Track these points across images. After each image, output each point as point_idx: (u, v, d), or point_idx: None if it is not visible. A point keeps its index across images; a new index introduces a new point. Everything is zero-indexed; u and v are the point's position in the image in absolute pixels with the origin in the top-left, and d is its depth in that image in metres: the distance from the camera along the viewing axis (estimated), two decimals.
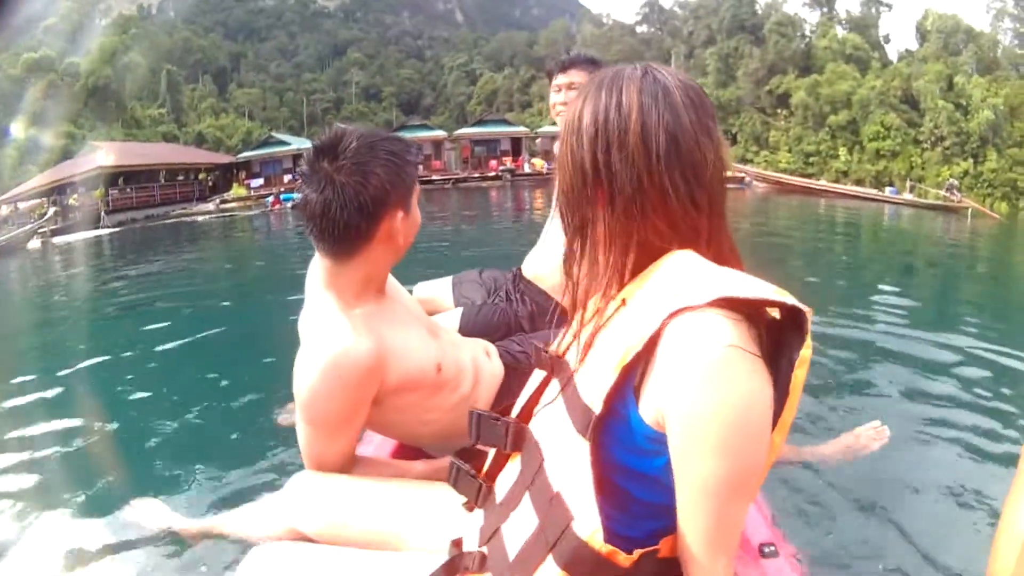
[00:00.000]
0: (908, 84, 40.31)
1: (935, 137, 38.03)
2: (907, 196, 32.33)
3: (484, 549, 1.07)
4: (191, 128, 54.07)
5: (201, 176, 41.79)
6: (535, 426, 1.07)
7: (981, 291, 9.78)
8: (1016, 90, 38.31)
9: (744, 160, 41.47)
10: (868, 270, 11.05)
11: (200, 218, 30.05)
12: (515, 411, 1.16)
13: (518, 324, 2.35)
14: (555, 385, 1.07)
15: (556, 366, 1.09)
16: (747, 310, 0.86)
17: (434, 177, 41.88)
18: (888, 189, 34.58)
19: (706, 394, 0.80)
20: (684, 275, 0.91)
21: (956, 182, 32.23)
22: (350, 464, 1.60)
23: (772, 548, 1.58)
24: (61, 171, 32.50)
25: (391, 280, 1.76)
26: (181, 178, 39.82)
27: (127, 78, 45.98)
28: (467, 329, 2.25)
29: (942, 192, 30.69)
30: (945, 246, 16.59)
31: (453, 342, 1.86)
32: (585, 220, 1.02)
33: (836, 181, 37.99)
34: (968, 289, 9.92)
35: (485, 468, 1.17)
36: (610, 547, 0.87)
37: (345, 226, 1.49)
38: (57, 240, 23.73)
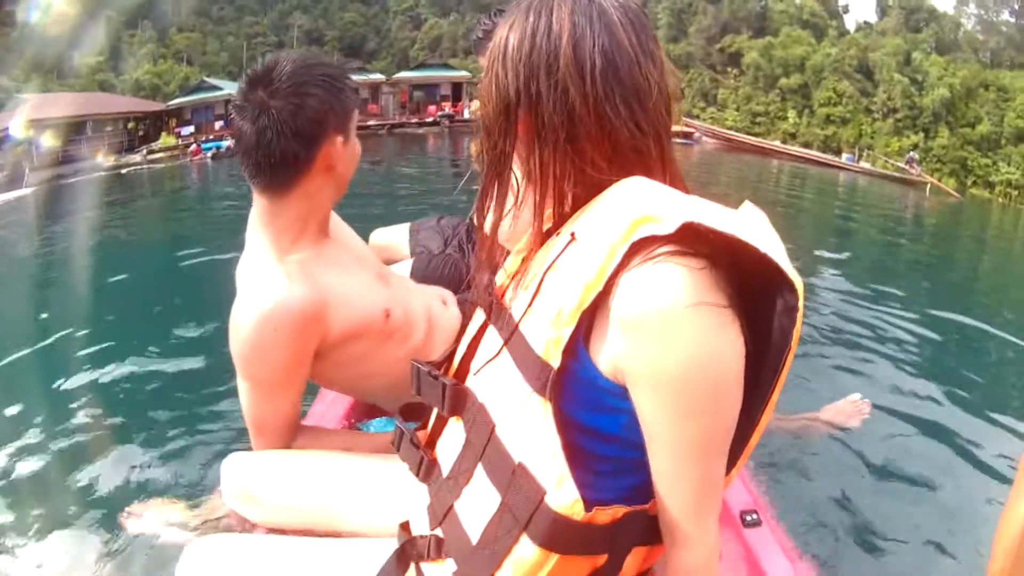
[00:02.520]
0: (864, 55, 40.27)
1: (887, 108, 38.10)
2: (864, 165, 31.99)
3: (439, 532, 0.99)
4: (129, 76, 51.75)
5: (131, 126, 39.62)
6: (477, 385, 0.97)
7: (948, 265, 9.93)
8: (974, 73, 38.36)
9: (691, 116, 40.99)
10: (821, 236, 11.02)
11: (125, 171, 28.90)
12: (453, 367, 1.08)
13: (471, 276, 2.04)
14: (494, 336, 0.97)
15: (495, 313, 1.00)
16: (714, 246, 0.79)
17: (370, 122, 40.02)
18: (845, 156, 34.38)
19: (670, 358, 0.76)
20: (642, 197, 0.84)
21: (916, 155, 31.78)
22: (293, 428, 1.54)
23: (754, 516, 1.61)
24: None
25: (338, 222, 1.73)
26: (109, 128, 37.42)
27: (63, 26, 43.75)
28: (418, 280, 2.09)
29: (901, 164, 30.12)
30: (903, 220, 16.59)
31: (404, 288, 1.81)
32: (506, 155, 0.95)
33: (784, 143, 37.58)
34: (936, 264, 9.94)
35: (428, 432, 1.10)
36: (591, 512, 0.81)
37: (282, 154, 1.43)
38: None
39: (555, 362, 0.80)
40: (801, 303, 0.77)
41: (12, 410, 3.46)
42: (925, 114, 36.65)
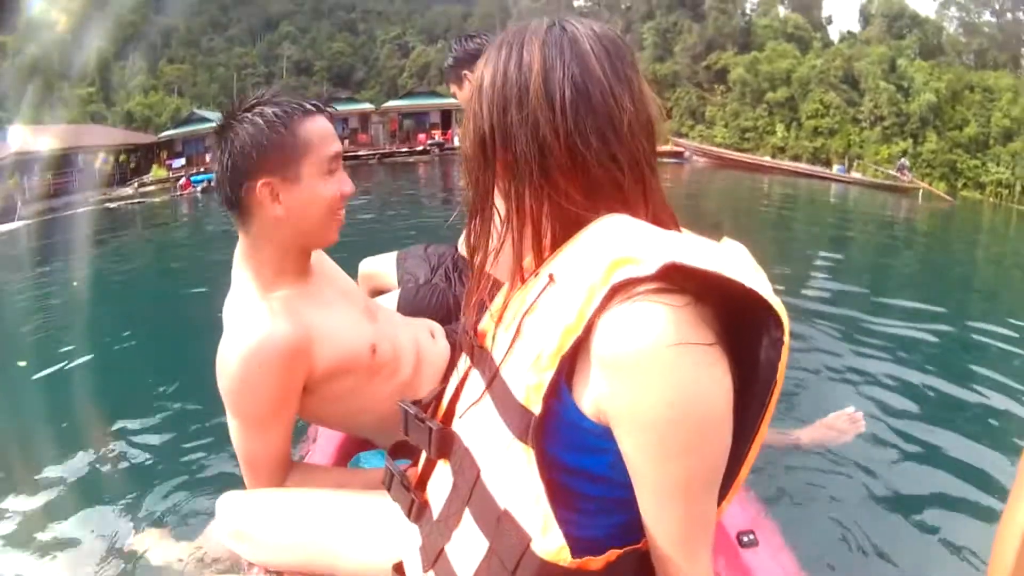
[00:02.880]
0: (849, 65, 40.19)
1: (874, 117, 37.96)
2: (855, 175, 31.85)
3: (431, 575, 0.99)
4: (120, 107, 51.98)
5: (122, 158, 39.41)
6: (462, 429, 0.97)
7: (940, 271, 9.97)
8: (959, 76, 38.28)
9: (679, 134, 41.16)
10: (818, 250, 10.94)
11: (116, 204, 28.72)
12: (441, 408, 1.08)
13: (457, 306, 2.25)
14: (477, 379, 0.97)
15: (477, 356, 0.99)
16: (698, 283, 0.77)
17: (360, 152, 40.17)
18: (836, 167, 34.28)
19: (652, 399, 0.74)
20: (620, 238, 0.82)
21: (907, 162, 31.65)
22: (285, 464, 1.53)
23: (751, 537, 1.59)
24: None
25: (323, 259, 1.72)
26: (101, 161, 37.14)
27: (56, 57, 43.88)
28: (405, 311, 2.12)
29: (892, 171, 30.05)
30: (897, 228, 16.41)
31: (392, 322, 1.79)
32: (487, 192, 0.95)
33: (773, 157, 37.67)
34: (932, 270, 10.01)
35: (419, 472, 1.09)
36: (579, 559, 0.81)
37: (222, 195, 1.48)
38: None
39: (536, 408, 0.79)
40: (787, 336, 0.77)
41: (6, 445, 3.45)
42: (912, 120, 36.52)
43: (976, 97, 37.18)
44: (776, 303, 0.75)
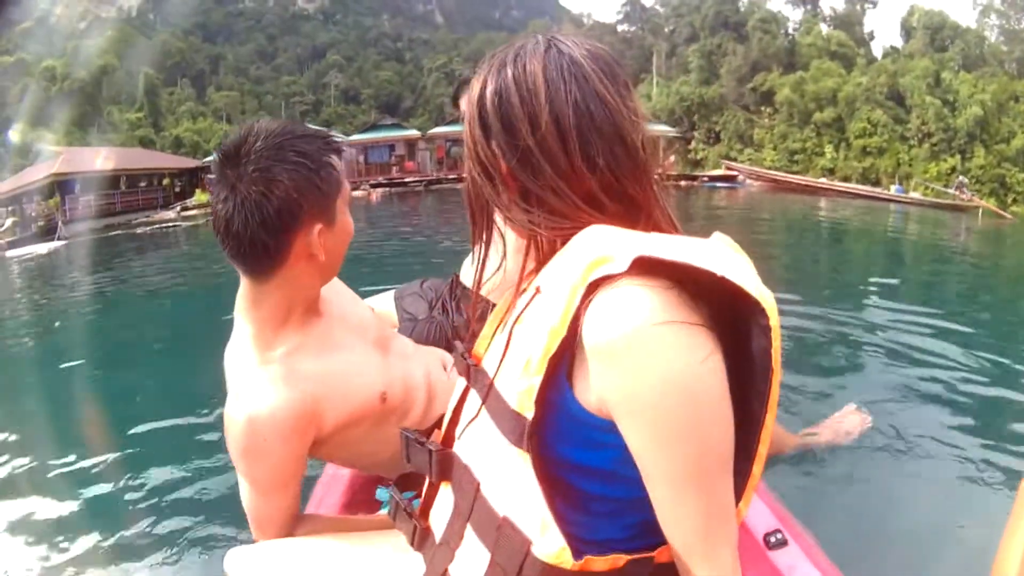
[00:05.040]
0: (894, 80, 40.10)
1: (922, 134, 37.78)
2: (914, 195, 30.77)
3: None
4: (169, 132, 53.05)
5: (165, 182, 40.31)
6: (462, 449, 0.96)
7: (997, 295, 9.21)
8: (1003, 86, 38.08)
9: (729, 158, 40.96)
10: (880, 274, 10.47)
11: (158, 227, 28.30)
12: (442, 431, 1.05)
13: (456, 336, 2.17)
14: (474, 397, 0.96)
15: (473, 375, 0.98)
16: (675, 274, 0.76)
17: (407, 179, 40.78)
18: (894, 188, 33.50)
19: (642, 382, 0.73)
20: (597, 243, 0.81)
21: (966, 180, 30.50)
22: (293, 519, 1.43)
23: (780, 536, 1.54)
24: (23, 179, 31.16)
25: (333, 289, 1.57)
26: (144, 184, 38.35)
27: (104, 81, 45.15)
28: None
29: (951, 190, 29.05)
30: (962, 247, 15.43)
31: (405, 355, 1.68)
32: (491, 216, 0.96)
33: (822, 178, 37.05)
34: (985, 294, 9.18)
35: (422, 499, 1.06)
36: (582, 561, 0.78)
37: (251, 244, 1.28)
38: (10, 253, 22.15)
39: (528, 413, 0.79)
40: (775, 322, 0.76)
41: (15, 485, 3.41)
42: (960, 135, 36.23)
43: (1021, 107, 37.05)
44: (757, 290, 0.75)
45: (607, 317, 0.74)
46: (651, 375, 0.72)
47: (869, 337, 5.30)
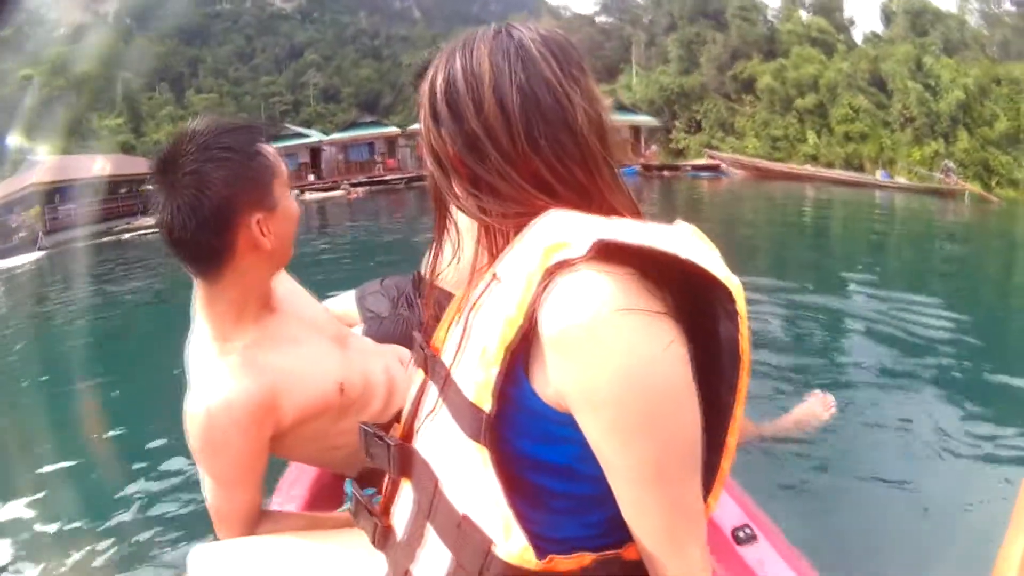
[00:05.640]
0: (876, 66, 40.07)
1: (904, 118, 37.70)
2: (900, 180, 30.88)
3: None
4: (150, 137, 51.83)
5: (142, 189, 38.64)
6: (421, 444, 0.94)
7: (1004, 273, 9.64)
8: (985, 70, 37.87)
9: (711, 147, 40.93)
10: (870, 259, 10.63)
11: (139, 233, 27.65)
12: (402, 425, 1.02)
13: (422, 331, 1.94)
14: (433, 390, 0.94)
15: (431, 366, 0.97)
16: (637, 261, 0.75)
17: (387, 177, 40.20)
18: (880, 173, 33.55)
19: (600, 373, 0.71)
20: (555, 228, 0.80)
21: (952, 164, 30.84)
22: (255, 516, 1.45)
23: (748, 531, 1.54)
24: (2, 190, 30.40)
25: (288, 288, 1.60)
26: (124, 191, 37.10)
27: (83, 88, 44.68)
28: None
29: (937, 175, 29.32)
30: (951, 231, 15.68)
31: (363, 351, 1.71)
32: (446, 204, 0.95)
33: (806, 164, 37.16)
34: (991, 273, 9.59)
35: (384, 496, 1.04)
36: (547, 560, 0.77)
37: (195, 246, 1.32)
38: None
39: (487, 406, 0.77)
40: (741, 307, 0.76)
41: None
42: (943, 119, 36.13)
43: (1004, 91, 36.85)
44: (724, 275, 0.75)
45: (563, 305, 0.72)
46: (609, 366, 0.70)
47: (852, 324, 5.34)
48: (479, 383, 0.78)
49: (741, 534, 1.53)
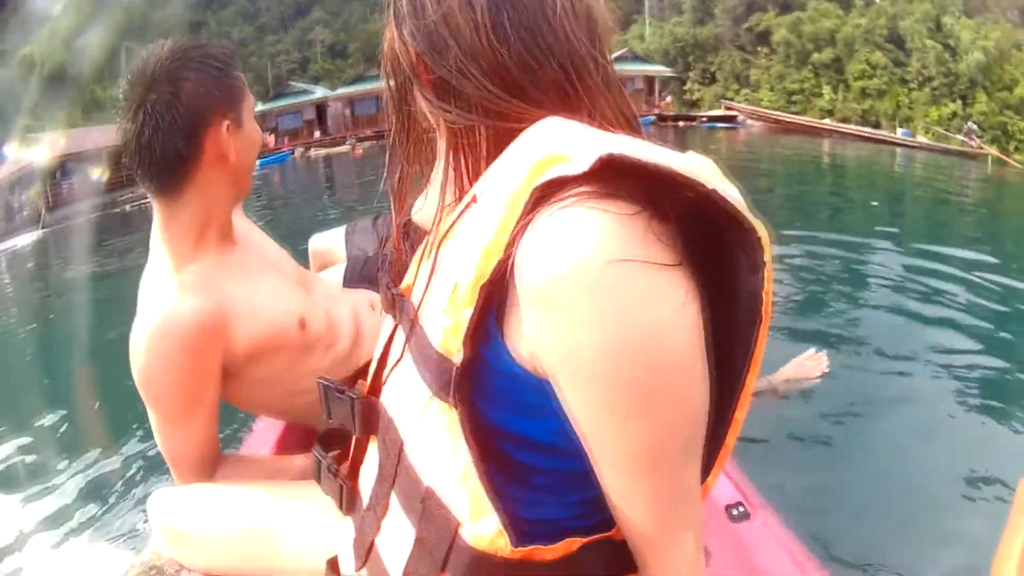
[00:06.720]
0: (894, 23, 39.20)
1: (922, 77, 37.16)
2: (921, 139, 30.23)
3: (364, 573, 0.86)
4: None
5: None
6: (387, 397, 0.83)
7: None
8: (1006, 33, 37.25)
9: (725, 99, 40.59)
10: (881, 220, 10.29)
11: (141, 203, 27.81)
12: (369, 378, 0.91)
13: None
14: (400, 336, 0.81)
15: (399, 308, 0.83)
16: (646, 194, 0.61)
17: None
18: (901, 131, 32.80)
19: (591, 335, 0.57)
20: (548, 138, 0.67)
21: (975, 126, 29.90)
22: (212, 457, 1.40)
23: (742, 508, 1.51)
24: (4, 169, 29.73)
25: (250, 228, 1.59)
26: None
27: (84, 60, 43.57)
28: (351, 284, 1.96)
29: (959, 136, 28.57)
30: (974, 198, 15.14)
31: (328, 294, 1.65)
32: (410, 117, 0.86)
33: (821, 119, 36.65)
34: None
35: (350, 456, 0.95)
36: (527, 548, 0.64)
37: (163, 151, 1.31)
38: None
39: (456, 356, 0.63)
40: (768, 258, 0.62)
41: None
42: (961, 80, 35.68)
43: None
44: (752, 217, 0.61)
45: (548, 247, 0.57)
46: (601, 332, 0.57)
47: (868, 286, 5.19)
48: (447, 328, 0.64)
49: (735, 512, 1.49)
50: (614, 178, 0.58)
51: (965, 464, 2.76)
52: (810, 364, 2.71)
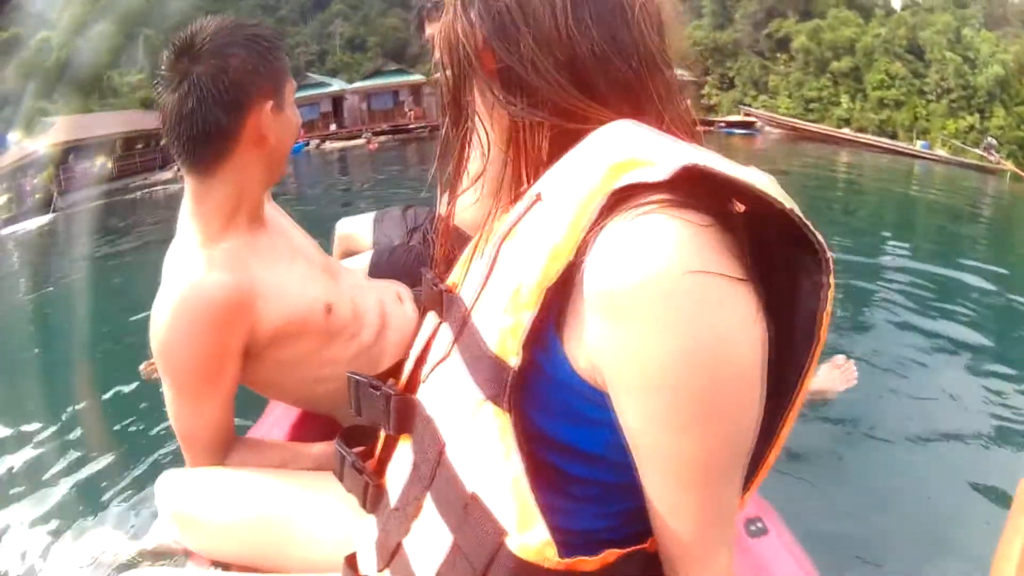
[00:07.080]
0: (913, 34, 39.10)
1: (941, 89, 36.97)
2: (940, 152, 30.05)
3: (387, 574, 0.82)
4: None
5: (163, 142, 39.99)
6: (426, 396, 0.80)
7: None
8: None
9: (743, 104, 40.39)
10: (898, 234, 10.05)
11: (155, 189, 27.81)
12: (405, 374, 0.89)
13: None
14: (446, 333, 0.79)
15: (446, 305, 0.81)
16: (719, 206, 0.61)
17: (410, 125, 39.79)
18: (920, 144, 32.51)
19: (661, 346, 0.57)
20: (625, 141, 0.66)
21: (995, 140, 29.80)
22: (226, 439, 1.37)
23: (760, 524, 1.48)
24: (18, 153, 30.05)
25: (279, 213, 1.59)
26: (140, 146, 36.87)
27: (101, 47, 43.74)
28: (377, 272, 1.98)
29: (978, 151, 28.41)
30: (992, 214, 14.82)
31: (355, 283, 1.64)
32: (465, 110, 0.80)
33: (844, 128, 36.42)
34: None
35: (377, 452, 0.93)
36: (569, 559, 0.63)
37: (204, 124, 1.29)
38: (6, 231, 21.33)
39: (513, 359, 0.62)
40: (831, 279, 0.60)
41: None
42: (980, 94, 35.56)
43: None
44: (818, 236, 0.59)
45: (622, 254, 0.56)
46: (672, 340, 0.56)
47: (882, 301, 5.17)
48: (505, 330, 0.63)
49: (753, 527, 1.46)
50: (691, 188, 0.58)
51: (972, 474, 2.75)
52: (838, 375, 2.62)
